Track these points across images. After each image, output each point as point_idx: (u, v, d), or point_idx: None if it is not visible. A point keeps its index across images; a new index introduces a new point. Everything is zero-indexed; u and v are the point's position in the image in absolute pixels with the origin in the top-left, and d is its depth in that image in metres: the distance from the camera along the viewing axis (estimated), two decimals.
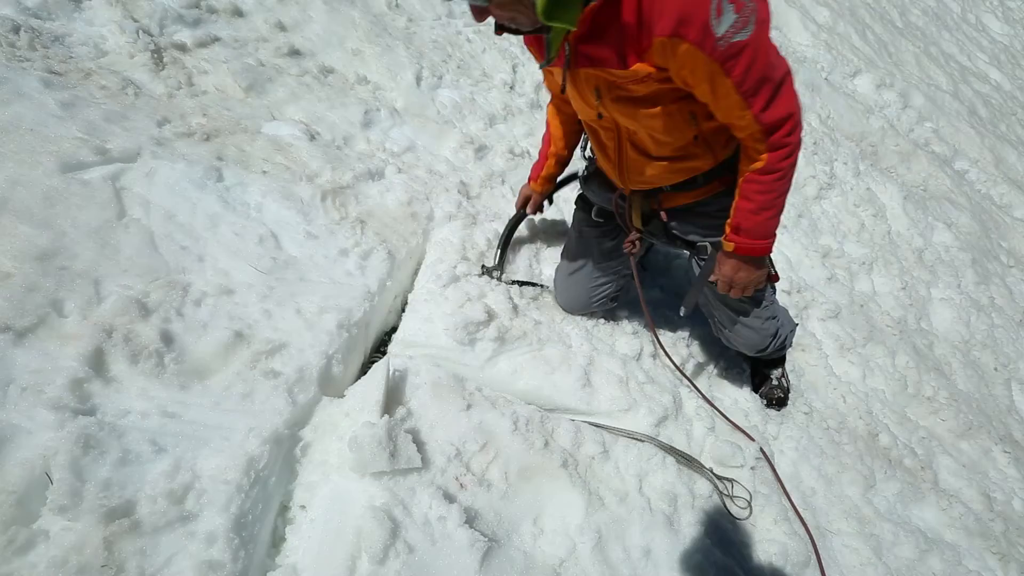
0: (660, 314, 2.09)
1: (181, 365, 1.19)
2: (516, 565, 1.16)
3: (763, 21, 0.99)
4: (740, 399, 1.88)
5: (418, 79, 2.56)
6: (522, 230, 2.02)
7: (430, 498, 1.16)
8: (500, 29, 1.09)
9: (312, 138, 1.98)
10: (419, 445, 1.23)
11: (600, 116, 1.27)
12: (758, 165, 1.16)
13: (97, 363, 1.11)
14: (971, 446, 2.26)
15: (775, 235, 1.30)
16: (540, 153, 1.76)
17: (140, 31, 2.00)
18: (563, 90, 1.26)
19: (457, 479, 1.24)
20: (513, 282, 1.81)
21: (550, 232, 2.17)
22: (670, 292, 2.20)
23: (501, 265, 1.82)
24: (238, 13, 2.39)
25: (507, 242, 1.87)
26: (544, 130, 1.74)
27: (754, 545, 1.48)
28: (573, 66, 1.15)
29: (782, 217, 2.96)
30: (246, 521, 1.03)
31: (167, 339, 1.21)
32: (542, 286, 1.88)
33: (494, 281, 1.75)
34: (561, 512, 1.30)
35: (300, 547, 1.07)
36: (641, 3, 0.98)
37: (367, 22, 2.70)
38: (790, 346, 1.94)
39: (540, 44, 1.19)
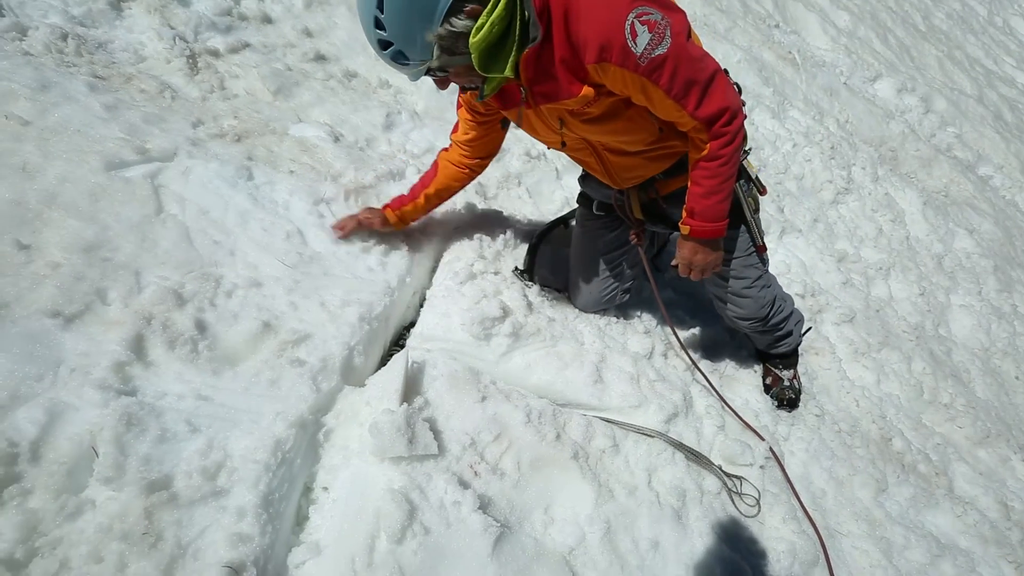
0: (673, 314, 2.11)
1: (213, 352, 1.27)
2: (527, 551, 1.21)
3: (678, 33, 1.09)
4: (751, 399, 1.90)
5: None
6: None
7: (446, 483, 1.21)
8: (464, 89, 1.26)
9: (336, 140, 2.05)
10: (436, 433, 1.28)
11: (564, 144, 1.43)
12: (704, 153, 1.27)
13: (138, 348, 1.19)
14: (989, 454, 2.23)
15: (726, 219, 1.39)
16: (412, 188, 1.71)
17: (176, 38, 2.10)
18: (518, 124, 1.42)
19: (471, 467, 1.29)
20: (544, 286, 1.86)
21: None
22: (683, 293, 2.22)
23: (531, 269, 1.88)
24: (267, 20, 2.49)
25: (537, 248, 1.93)
26: (428, 171, 1.71)
27: (762, 542, 1.50)
28: (534, 105, 1.27)
29: (797, 221, 2.95)
30: (273, 499, 1.09)
31: (201, 327, 1.28)
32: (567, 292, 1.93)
33: (525, 283, 1.80)
34: (571, 502, 1.33)
35: (323, 526, 1.13)
36: (569, 38, 1.09)
37: None
38: (799, 339, 1.96)
39: (504, 97, 1.30)
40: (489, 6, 1.02)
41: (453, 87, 1.27)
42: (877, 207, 3.36)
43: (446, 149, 1.67)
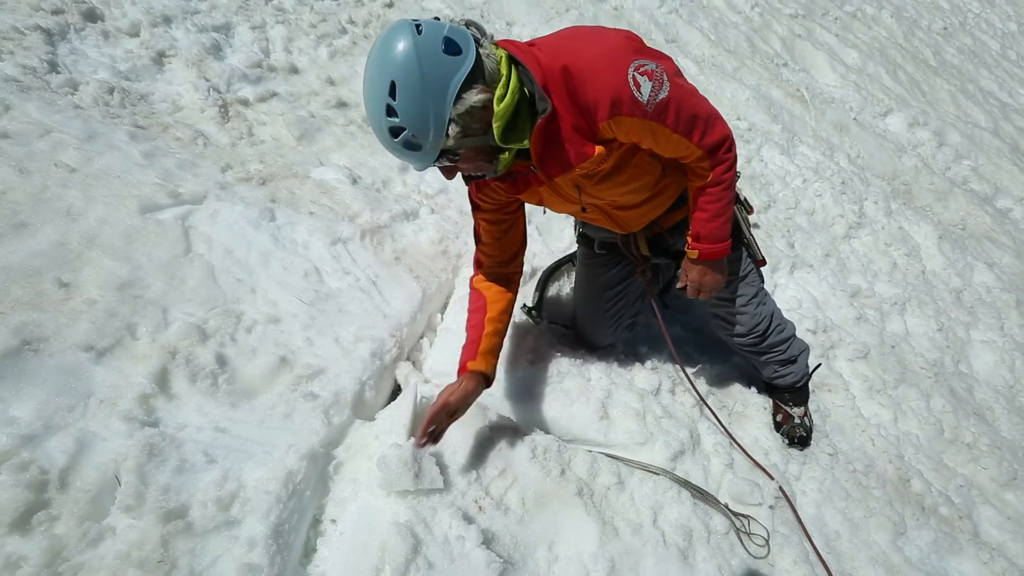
0: (681, 350, 2.12)
1: (232, 385, 1.33)
2: None
3: (673, 77, 1.19)
4: (760, 437, 1.88)
5: None
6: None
7: (450, 518, 1.23)
8: (468, 179, 1.28)
9: (354, 182, 2.17)
10: (442, 468, 1.31)
11: (584, 210, 1.48)
12: (707, 180, 1.35)
13: (162, 381, 1.26)
14: (1017, 497, 2.14)
15: (730, 238, 1.46)
16: (470, 326, 1.47)
17: (211, 89, 2.27)
18: (541, 204, 1.45)
19: (476, 502, 1.31)
20: (552, 323, 1.90)
21: None
22: (691, 330, 2.24)
23: (540, 306, 1.93)
24: (294, 71, 2.67)
25: (545, 285, 1.99)
26: (470, 303, 1.51)
27: None
28: (547, 180, 1.32)
29: (808, 256, 2.96)
30: (283, 530, 1.12)
31: (221, 361, 1.35)
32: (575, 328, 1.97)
33: (534, 320, 1.85)
34: (575, 540, 1.34)
35: (329, 558, 1.16)
36: (577, 103, 1.17)
37: None
38: (806, 370, 1.95)
39: (517, 181, 1.35)
40: (503, 79, 1.10)
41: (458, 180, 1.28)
42: (891, 241, 3.34)
43: (474, 276, 1.56)
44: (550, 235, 2.35)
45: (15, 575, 0.92)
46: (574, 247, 2.28)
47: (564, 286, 2.11)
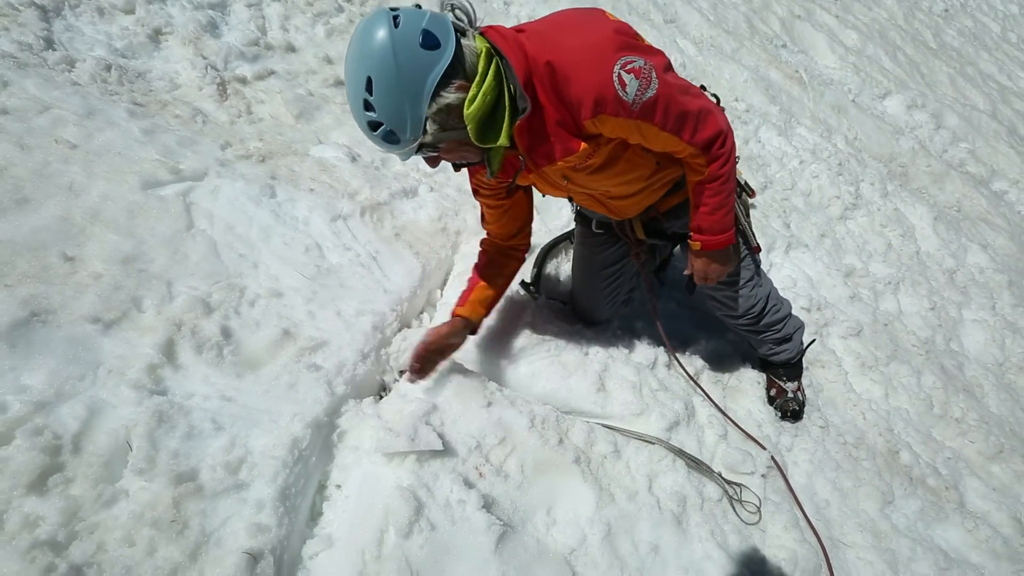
0: (676, 327, 2.16)
1: (237, 356, 1.36)
2: (529, 550, 1.25)
3: (662, 74, 1.14)
4: (754, 410, 1.93)
5: None
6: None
7: (451, 483, 1.27)
8: (457, 167, 1.27)
9: (353, 160, 2.17)
10: (443, 436, 1.35)
11: (571, 199, 1.51)
12: (704, 176, 1.34)
13: (169, 352, 1.28)
14: (1003, 469, 2.21)
15: (732, 227, 1.46)
16: (469, 282, 1.61)
17: (208, 67, 2.26)
18: (509, 192, 1.45)
19: (477, 468, 1.35)
20: (550, 299, 1.93)
21: None
22: (687, 306, 2.27)
23: (538, 282, 1.95)
24: (291, 49, 2.65)
25: (543, 261, 2.01)
26: (476, 264, 1.61)
27: (763, 550, 1.52)
28: (535, 169, 1.33)
29: (804, 236, 2.99)
30: (289, 493, 1.16)
31: (226, 334, 1.38)
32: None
33: (532, 296, 1.87)
34: (573, 505, 1.38)
35: (335, 520, 1.20)
36: (562, 100, 1.15)
37: None
38: (800, 347, 1.99)
39: (506, 168, 1.35)
40: (478, 78, 1.07)
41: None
42: (886, 222, 3.37)
43: (483, 243, 1.65)
44: (548, 213, 2.36)
45: (34, 533, 0.95)
46: (572, 225, 2.30)
47: (562, 263, 2.13)
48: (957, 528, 1.86)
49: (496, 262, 1.61)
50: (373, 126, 1.06)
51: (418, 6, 1.07)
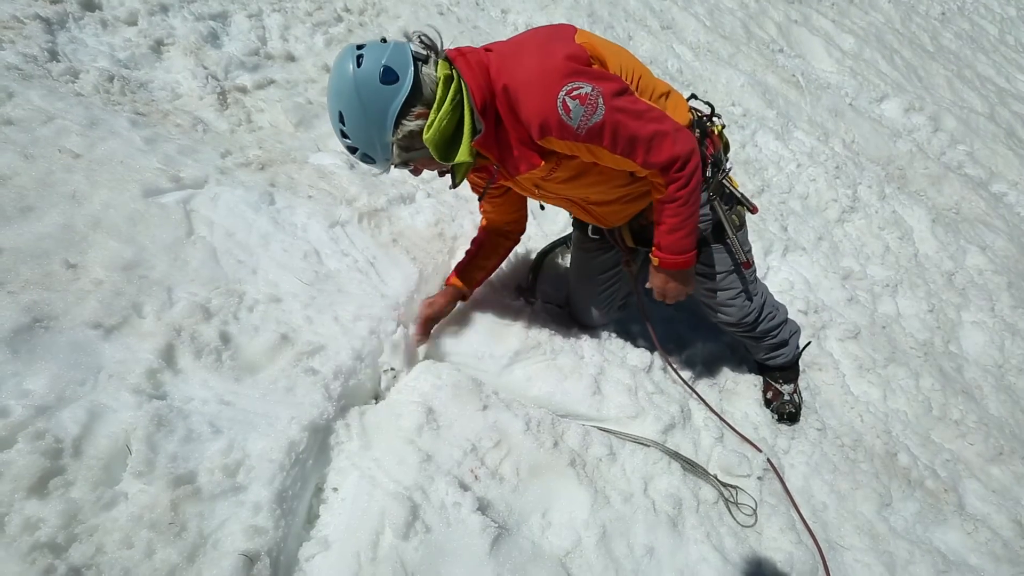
0: (673, 330, 2.17)
1: (236, 361, 1.38)
2: (524, 552, 1.26)
3: (610, 100, 1.18)
4: (751, 413, 1.93)
5: None
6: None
7: (447, 486, 1.28)
8: (441, 174, 1.37)
9: (352, 167, 2.20)
10: (438, 439, 1.36)
11: (542, 207, 1.65)
12: (663, 196, 1.37)
13: (168, 357, 1.30)
14: (1002, 471, 2.20)
15: (692, 251, 1.47)
16: (467, 251, 1.76)
17: (209, 76, 2.30)
18: (482, 195, 1.56)
19: (472, 471, 1.36)
20: (546, 303, 1.95)
21: None
22: (684, 309, 2.28)
23: (534, 287, 1.97)
24: (291, 58, 2.69)
25: (540, 266, 2.03)
26: (474, 239, 1.76)
27: (759, 552, 1.52)
28: (510, 176, 1.41)
29: (801, 239, 2.99)
30: (286, 496, 1.17)
31: (225, 339, 1.39)
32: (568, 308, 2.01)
33: (528, 300, 1.89)
34: (568, 507, 1.39)
35: (332, 523, 1.21)
36: (518, 118, 1.23)
37: None
38: (797, 351, 1.99)
39: (483, 173, 1.48)
40: (435, 105, 1.17)
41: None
42: (884, 225, 3.38)
43: (482, 220, 1.77)
44: (545, 218, 2.38)
45: (35, 535, 0.96)
46: (568, 230, 2.32)
47: (558, 267, 2.15)
48: (956, 530, 1.86)
49: (493, 241, 1.74)
50: (351, 149, 1.24)
51: (384, 39, 1.18)
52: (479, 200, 1.63)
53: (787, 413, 1.95)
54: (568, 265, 2.04)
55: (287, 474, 1.19)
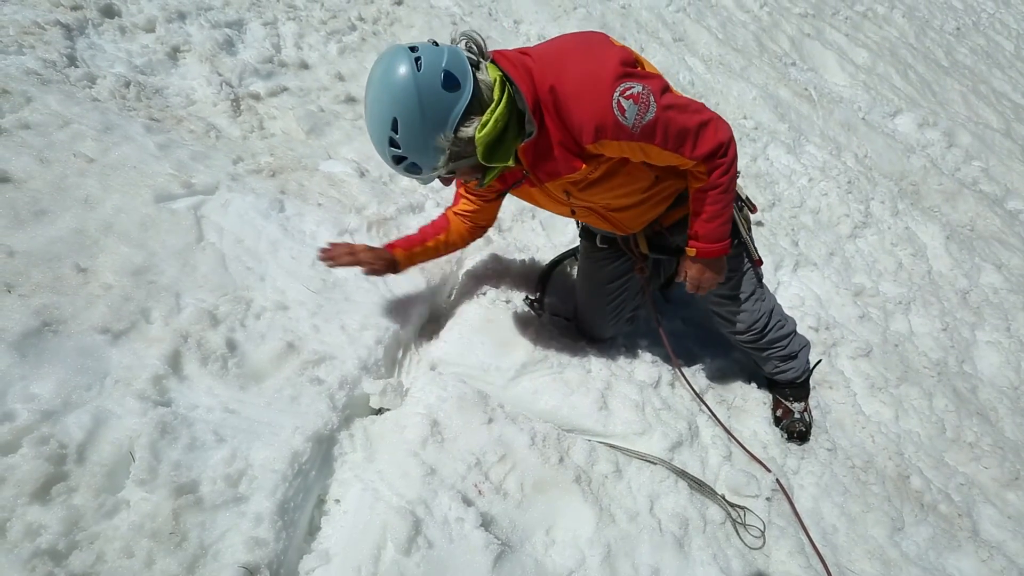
0: (681, 345, 2.14)
1: (241, 369, 1.37)
2: (527, 570, 1.24)
3: (660, 97, 1.20)
4: (760, 431, 1.90)
5: None
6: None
7: (450, 500, 1.26)
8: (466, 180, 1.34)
9: (362, 175, 2.21)
10: (443, 453, 1.35)
11: (573, 212, 1.57)
12: (705, 183, 1.38)
13: (174, 363, 1.30)
14: (1018, 497, 2.15)
15: (728, 238, 1.50)
16: (420, 231, 1.67)
17: (223, 83, 2.32)
18: (500, 196, 1.54)
19: (476, 486, 1.34)
20: (554, 315, 1.94)
21: None
22: (692, 324, 2.26)
23: (542, 299, 1.96)
24: (305, 66, 2.72)
25: (547, 278, 2.02)
26: (435, 221, 1.69)
27: None
28: (538, 184, 1.40)
29: (812, 254, 2.97)
30: (288, 507, 1.16)
31: (231, 346, 1.39)
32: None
33: (536, 312, 1.88)
34: (573, 525, 1.37)
35: (333, 535, 1.20)
36: (564, 124, 1.21)
37: None
38: (807, 366, 1.96)
39: (508, 179, 1.43)
40: (492, 105, 1.15)
41: None
42: (897, 241, 3.34)
43: (450, 208, 1.71)
44: (553, 229, 2.38)
45: (35, 542, 0.96)
46: (577, 241, 2.31)
47: (566, 279, 2.14)
48: (970, 557, 1.80)
49: (456, 231, 1.67)
50: (397, 160, 1.16)
51: (434, 42, 1.13)
52: (453, 202, 1.65)
53: (797, 432, 1.91)
54: (576, 276, 2.03)
55: (289, 485, 1.18)
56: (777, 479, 1.69)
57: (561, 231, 2.44)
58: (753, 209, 1.70)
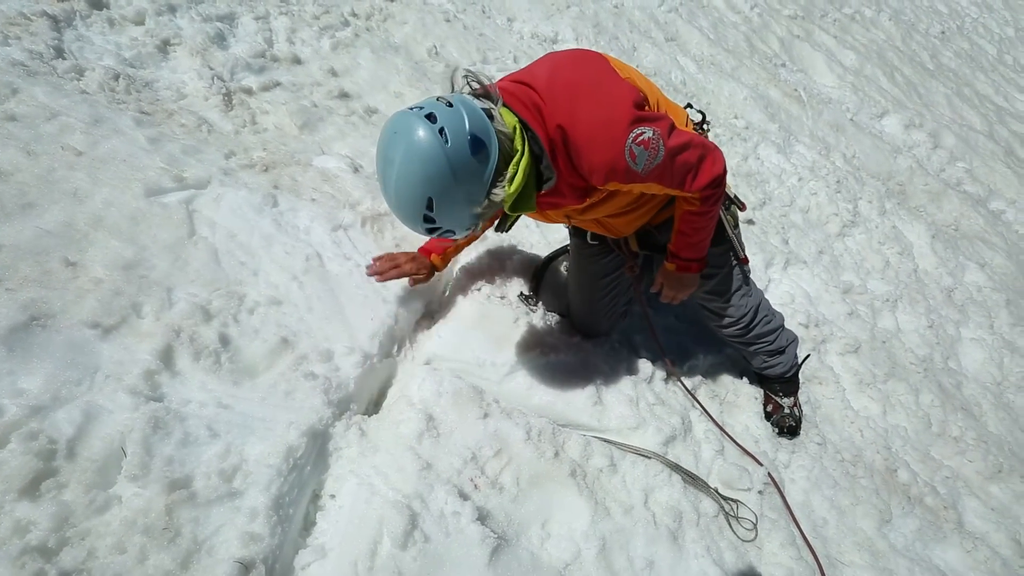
0: (674, 341, 2.16)
1: (235, 364, 1.36)
2: (523, 563, 1.25)
3: (667, 140, 1.20)
4: (751, 426, 1.92)
5: None
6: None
7: (446, 495, 1.26)
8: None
9: (356, 171, 2.19)
10: (438, 448, 1.35)
11: (569, 227, 1.66)
12: (694, 208, 1.41)
13: (166, 358, 1.29)
14: (1002, 490, 2.19)
15: (705, 253, 1.56)
16: None
17: (214, 77, 2.29)
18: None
19: (472, 480, 1.34)
20: (548, 311, 1.94)
21: None
22: (685, 320, 2.28)
23: (536, 295, 1.97)
24: (297, 61, 2.69)
25: (542, 274, 2.03)
26: None
27: (759, 567, 1.51)
28: (541, 211, 1.42)
29: (802, 252, 3.00)
30: (283, 502, 1.16)
31: (224, 341, 1.38)
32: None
33: (530, 308, 1.89)
34: (568, 518, 1.37)
35: (329, 530, 1.19)
36: (573, 164, 1.21)
37: (409, 68, 2.98)
38: (795, 362, 1.99)
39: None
40: (516, 157, 1.12)
41: None
42: (884, 240, 3.39)
43: None
44: (547, 227, 2.38)
45: (25, 539, 0.94)
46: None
47: (560, 276, 2.14)
48: (955, 548, 1.84)
49: None
50: (431, 231, 1.12)
51: (447, 102, 1.06)
52: None
53: (787, 427, 1.94)
54: (568, 273, 2.03)
55: (284, 480, 1.18)
56: (769, 473, 1.71)
57: (555, 228, 2.44)
58: (742, 207, 1.72)
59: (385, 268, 1.64)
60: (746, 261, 1.75)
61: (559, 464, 1.44)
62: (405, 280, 1.76)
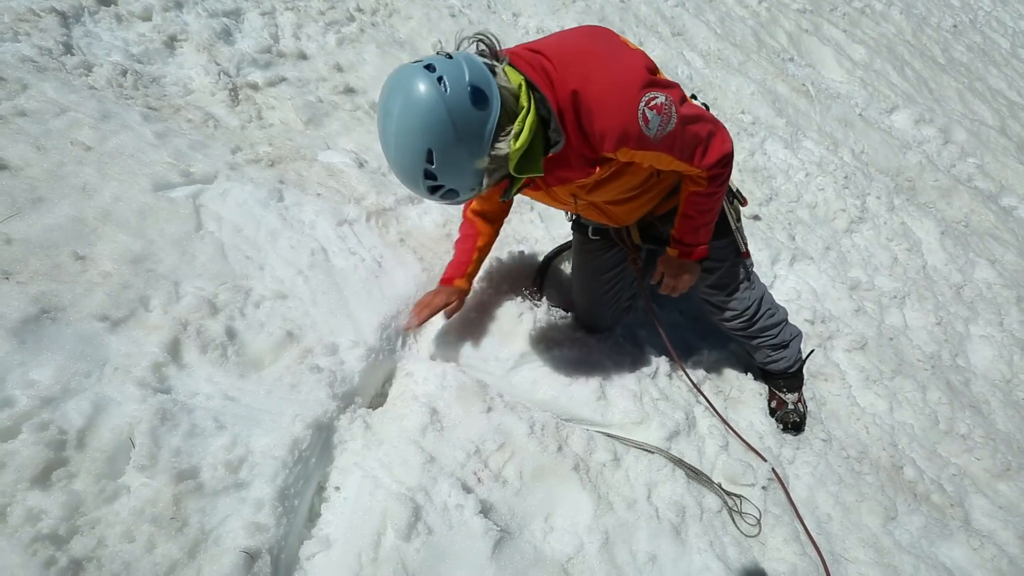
0: (678, 336, 2.16)
1: (241, 357, 1.37)
2: (526, 556, 1.25)
3: (679, 108, 1.19)
4: (756, 422, 1.92)
5: None
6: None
7: (450, 487, 1.27)
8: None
9: (361, 165, 2.20)
10: (442, 441, 1.36)
11: (576, 215, 1.60)
12: (700, 188, 1.39)
13: (174, 351, 1.30)
14: (1010, 487, 2.18)
15: (707, 241, 1.52)
16: (461, 250, 1.66)
17: (221, 73, 2.31)
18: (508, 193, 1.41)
19: (475, 473, 1.35)
20: (552, 306, 1.94)
21: None
22: (689, 316, 2.27)
23: (540, 290, 1.97)
24: (303, 56, 2.70)
25: (546, 269, 2.03)
26: (463, 229, 1.67)
27: (762, 563, 1.51)
28: (546, 188, 1.39)
29: (809, 248, 2.98)
30: (289, 493, 1.17)
31: (231, 334, 1.39)
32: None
33: (534, 303, 1.89)
34: (571, 512, 1.38)
35: (333, 522, 1.20)
36: (584, 131, 1.17)
37: None
38: (799, 357, 1.98)
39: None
40: (522, 115, 1.09)
41: None
42: (893, 236, 3.36)
43: (467, 209, 1.69)
44: (552, 221, 2.38)
45: (36, 527, 0.96)
46: None
47: (564, 271, 2.14)
48: (962, 546, 1.83)
49: (484, 229, 1.64)
50: (433, 189, 1.07)
51: (447, 54, 1.04)
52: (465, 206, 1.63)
53: (792, 422, 1.93)
54: (571, 268, 2.03)
55: (290, 471, 1.19)
56: (773, 468, 1.71)
57: (559, 223, 2.44)
58: (744, 202, 1.71)
59: (422, 319, 1.60)
60: (747, 255, 1.74)
61: (562, 458, 1.45)
62: (411, 275, 1.77)
